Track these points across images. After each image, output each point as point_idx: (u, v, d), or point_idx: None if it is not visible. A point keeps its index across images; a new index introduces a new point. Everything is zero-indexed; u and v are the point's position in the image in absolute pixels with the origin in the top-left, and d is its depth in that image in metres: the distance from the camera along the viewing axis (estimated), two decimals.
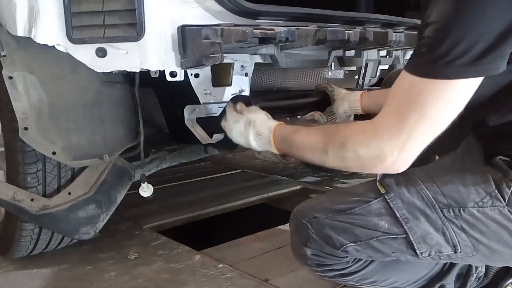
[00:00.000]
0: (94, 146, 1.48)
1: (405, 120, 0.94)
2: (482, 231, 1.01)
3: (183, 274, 1.61)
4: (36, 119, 1.40)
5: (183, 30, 1.28)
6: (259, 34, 1.30)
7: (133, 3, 1.26)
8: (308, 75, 1.98)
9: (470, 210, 1.01)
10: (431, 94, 0.90)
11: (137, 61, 1.31)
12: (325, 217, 1.13)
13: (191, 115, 1.50)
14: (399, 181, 1.07)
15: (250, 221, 2.36)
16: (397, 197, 1.06)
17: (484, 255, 1.05)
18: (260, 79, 1.81)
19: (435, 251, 1.06)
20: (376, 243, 1.09)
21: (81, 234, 1.59)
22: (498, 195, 0.98)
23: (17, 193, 1.49)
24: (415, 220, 1.04)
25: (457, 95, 0.91)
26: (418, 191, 1.05)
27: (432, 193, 1.04)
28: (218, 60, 1.24)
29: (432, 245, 1.05)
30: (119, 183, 1.60)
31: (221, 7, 1.37)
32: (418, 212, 1.04)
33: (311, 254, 1.17)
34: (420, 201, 1.04)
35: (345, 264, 1.16)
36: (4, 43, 1.39)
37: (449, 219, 1.02)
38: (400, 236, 1.06)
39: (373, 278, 1.20)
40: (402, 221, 1.05)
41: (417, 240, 1.05)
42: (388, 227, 1.06)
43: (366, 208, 1.09)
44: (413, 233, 1.05)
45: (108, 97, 1.51)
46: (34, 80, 1.40)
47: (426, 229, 1.04)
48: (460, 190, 1.02)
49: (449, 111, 0.93)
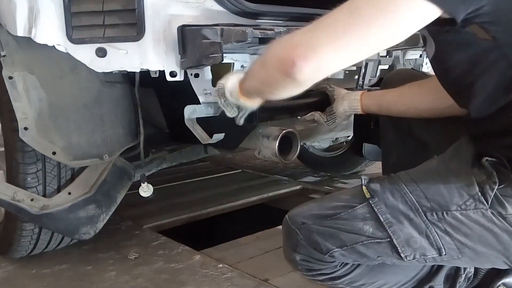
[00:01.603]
0: (94, 146, 1.48)
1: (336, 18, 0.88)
2: (466, 234, 1.01)
3: (183, 274, 1.61)
4: (36, 119, 1.40)
5: (183, 30, 1.28)
6: (259, 34, 1.29)
7: (133, 3, 1.26)
8: None
9: (454, 213, 1.01)
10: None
11: (137, 61, 1.31)
12: (313, 223, 1.14)
13: (191, 115, 1.50)
14: (384, 185, 1.08)
15: (250, 221, 2.36)
16: (381, 202, 1.06)
17: (470, 258, 1.05)
18: None
19: (420, 254, 1.06)
20: (361, 248, 1.09)
21: (81, 234, 1.59)
22: (481, 198, 0.98)
23: (17, 193, 1.49)
24: (398, 224, 1.05)
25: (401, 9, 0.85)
26: (402, 195, 1.05)
27: (415, 197, 1.04)
28: (218, 60, 1.24)
29: (416, 248, 1.05)
30: (119, 183, 1.60)
31: (221, 7, 1.37)
32: (401, 216, 1.04)
33: (300, 259, 1.18)
34: (403, 205, 1.04)
35: (333, 269, 1.17)
36: (4, 43, 1.39)
37: (433, 222, 1.02)
38: (384, 240, 1.06)
39: (362, 281, 1.21)
40: (386, 225, 1.05)
41: (401, 243, 1.05)
42: (372, 231, 1.07)
43: (352, 213, 1.09)
44: (397, 236, 1.05)
45: (108, 97, 1.51)
46: (34, 80, 1.40)
47: (410, 232, 1.04)
48: (443, 193, 1.02)
49: (387, 26, 0.86)
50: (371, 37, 0.88)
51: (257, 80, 1.07)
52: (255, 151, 1.61)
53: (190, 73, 1.42)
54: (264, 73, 1.01)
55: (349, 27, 0.87)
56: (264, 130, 1.58)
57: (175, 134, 1.86)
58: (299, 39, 0.91)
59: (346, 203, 1.11)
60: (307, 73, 0.89)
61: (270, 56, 0.97)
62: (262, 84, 1.06)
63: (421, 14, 0.87)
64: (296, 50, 0.89)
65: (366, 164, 2.90)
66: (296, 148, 1.61)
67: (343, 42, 0.88)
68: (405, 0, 0.85)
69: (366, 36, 0.87)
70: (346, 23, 0.88)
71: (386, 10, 0.86)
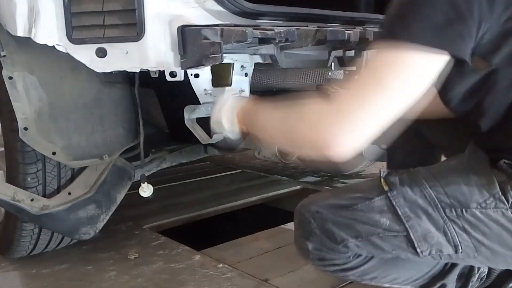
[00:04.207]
0: (94, 146, 1.48)
1: (358, 88, 0.93)
2: (484, 233, 1.01)
3: (183, 274, 1.61)
4: (36, 119, 1.40)
5: (183, 30, 1.28)
6: (259, 34, 1.29)
7: (133, 3, 1.26)
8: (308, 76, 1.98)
9: (473, 211, 1.00)
10: (388, 59, 0.90)
11: (137, 61, 1.31)
12: (328, 212, 1.13)
13: (191, 115, 1.50)
14: (403, 179, 1.08)
15: (250, 221, 2.36)
16: (399, 195, 1.06)
17: (486, 257, 1.05)
18: (260, 79, 1.81)
19: (436, 250, 1.05)
20: (376, 240, 1.09)
21: (81, 234, 1.59)
22: (502, 197, 0.98)
23: (17, 193, 1.49)
24: (416, 219, 1.04)
25: (414, 66, 0.90)
26: (421, 190, 1.05)
27: (435, 193, 1.04)
28: (218, 60, 1.24)
29: (433, 244, 1.05)
30: (119, 183, 1.60)
31: (221, 7, 1.37)
32: (420, 211, 1.04)
33: (312, 248, 1.16)
34: (422, 199, 1.04)
35: (345, 259, 1.16)
36: (4, 43, 1.39)
37: (451, 219, 1.02)
38: (401, 234, 1.06)
39: (374, 274, 1.20)
40: (404, 219, 1.05)
41: (418, 238, 1.05)
42: (389, 224, 1.06)
43: (369, 205, 1.09)
44: (414, 231, 1.05)
45: (108, 97, 1.51)
46: (34, 80, 1.40)
47: (427, 227, 1.04)
48: (464, 190, 1.02)
49: (404, 85, 0.90)
50: (396, 101, 0.91)
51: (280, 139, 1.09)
52: (255, 151, 1.62)
53: (190, 73, 1.42)
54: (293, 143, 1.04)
55: (372, 103, 0.90)
56: None
57: (175, 134, 1.86)
58: (327, 123, 0.93)
59: (363, 194, 1.11)
60: (344, 155, 0.93)
61: (300, 136, 0.99)
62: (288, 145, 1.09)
63: (433, 65, 0.90)
64: (328, 136, 0.92)
65: (366, 164, 2.90)
66: None
67: (371, 121, 0.91)
68: (414, 56, 0.89)
69: (391, 103, 0.90)
70: (367, 100, 0.91)
71: (401, 72, 0.89)
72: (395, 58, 0.90)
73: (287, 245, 1.85)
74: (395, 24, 0.92)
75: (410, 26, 0.89)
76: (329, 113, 0.94)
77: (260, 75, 1.80)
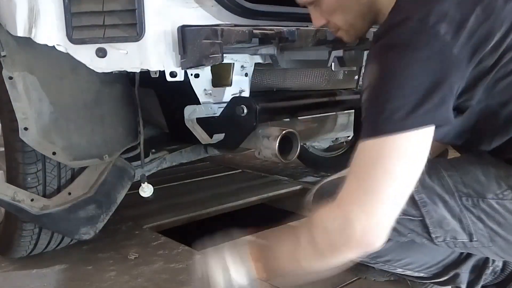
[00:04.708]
0: (94, 146, 1.48)
1: (365, 181, 0.92)
2: (500, 223, 1.01)
3: (183, 274, 1.61)
4: (36, 119, 1.40)
5: (183, 31, 1.28)
6: (259, 34, 1.30)
7: (133, 3, 1.26)
8: (308, 75, 1.98)
9: (489, 201, 1.01)
10: (384, 150, 0.92)
11: (137, 61, 1.31)
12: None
13: (191, 115, 1.50)
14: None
15: (250, 221, 2.36)
16: (417, 181, 1.06)
17: (500, 248, 1.05)
18: (260, 79, 1.81)
19: (450, 237, 1.06)
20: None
21: (81, 234, 1.59)
22: None
23: (17, 194, 1.49)
24: (432, 205, 1.05)
25: (409, 148, 0.92)
26: (439, 178, 1.06)
27: (452, 181, 1.05)
28: (218, 61, 1.24)
29: (448, 230, 1.05)
30: (119, 183, 1.60)
31: (221, 7, 1.37)
32: (436, 198, 1.05)
33: None
34: (440, 187, 1.05)
35: None
36: (4, 43, 1.39)
37: (467, 207, 1.03)
38: (417, 219, 1.07)
39: (388, 257, 1.21)
40: (420, 204, 1.05)
41: (433, 224, 1.06)
42: (405, 208, 1.02)
43: None
44: (430, 217, 1.05)
45: (108, 97, 1.51)
46: (34, 80, 1.40)
47: (443, 214, 1.05)
48: (482, 180, 1.03)
49: (408, 165, 0.93)
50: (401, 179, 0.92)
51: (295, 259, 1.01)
52: (255, 151, 1.61)
53: (190, 73, 1.43)
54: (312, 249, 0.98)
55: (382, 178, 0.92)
56: (264, 130, 1.58)
57: (175, 134, 1.86)
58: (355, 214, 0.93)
59: None
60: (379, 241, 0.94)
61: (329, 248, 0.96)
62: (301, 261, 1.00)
63: (423, 140, 0.92)
64: (367, 236, 0.93)
65: None
66: (296, 148, 1.61)
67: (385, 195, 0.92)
68: (403, 138, 0.91)
69: (398, 183, 0.92)
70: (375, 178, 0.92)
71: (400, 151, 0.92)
72: (385, 152, 0.91)
73: None
74: (375, 120, 0.93)
75: (390, 118, 0.90)
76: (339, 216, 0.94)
77: (260, 75, 1.80)
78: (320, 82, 2.02)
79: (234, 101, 1.51)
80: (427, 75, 0.91)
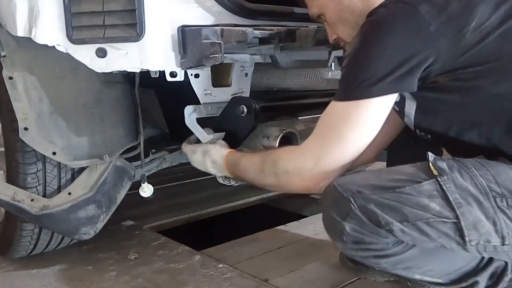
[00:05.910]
0: (94, 146, 1.48)
1: (322, 138, 1.14)
2: None
3: (183, 274, 1.61)
4: (36, 119, 1.40)
5: (183, 31, 1.28)
6: (259, 34, 1.30)
7: (133, 3, 1.26)
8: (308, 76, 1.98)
9: None
10: (345, 114, 1.08)
11: (137, 62, 1.31)
12: (371, 193, 1.07)
13: (191, 115, 1.50)
14: (452, 166, 1.05)
15: (250, 221, 2.36)
16: (450, 181, 1.03)
17: None
18: (260, 79, 1.81)
19: (484, 240, 1.02)
20: (424, 226, 1.04)
21: (81, 234, 1.59)
22: None
23: (17, 194, 1.49)
24: (467, 206, 1.01)
25: (367, 115, 1.07)
26: (471, 177, 1.02)
27: (486, 181, 1.01)
28: (218, 61, 1.24)
29: (483, 233, 1.01)
30: (119, 183, 1.60)
31: (221, 7, 1.37)
32: (471, 198, 1.01)
33: (350, 229, 1.10)
34: (473, 187, 1.01)
35: (384, 245, 1.11)
36: (4, 43, 1.39)
37: (501, 209, 1.00)
38: (451, 221, 1.02)
39: (409, 263, 1.15)
40: (455, 205, 1.01)
41: (468, 226, 1.01)
42: (439, 210, 1.02)
43: (417, 188, 1.04)
44: (465, 218, 1.01)
45: (108, 97, 1.51)
46: (34, 80, 1.40)
47: (478, 216, 1.01)
48: None
49: (361, 131, 1.08)
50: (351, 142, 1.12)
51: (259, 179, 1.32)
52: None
53: (190, 73, 1.42)
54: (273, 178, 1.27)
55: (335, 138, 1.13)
56: (264, 130, 1.59)
57: (175, 134, 1.86)
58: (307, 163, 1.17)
59: (409, 177, 1.07)
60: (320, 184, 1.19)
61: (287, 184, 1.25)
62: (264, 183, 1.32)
63: (385, 106, 1.09)
64: (312, 180, 1.18)
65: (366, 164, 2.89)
66: None
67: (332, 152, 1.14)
68: (366, 104, 1.06)
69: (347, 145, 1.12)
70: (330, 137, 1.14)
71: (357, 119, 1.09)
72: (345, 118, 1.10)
73: (287, 245, 1.85)
74: (347, 85, 1.10)
75: (359, 85, 1.05)
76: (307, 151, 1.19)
77: (260, 75, 1.80)
78: (320, 82, 2.01)
79: (234, 101, 1.51)
80: (401, 48, 1.01)
